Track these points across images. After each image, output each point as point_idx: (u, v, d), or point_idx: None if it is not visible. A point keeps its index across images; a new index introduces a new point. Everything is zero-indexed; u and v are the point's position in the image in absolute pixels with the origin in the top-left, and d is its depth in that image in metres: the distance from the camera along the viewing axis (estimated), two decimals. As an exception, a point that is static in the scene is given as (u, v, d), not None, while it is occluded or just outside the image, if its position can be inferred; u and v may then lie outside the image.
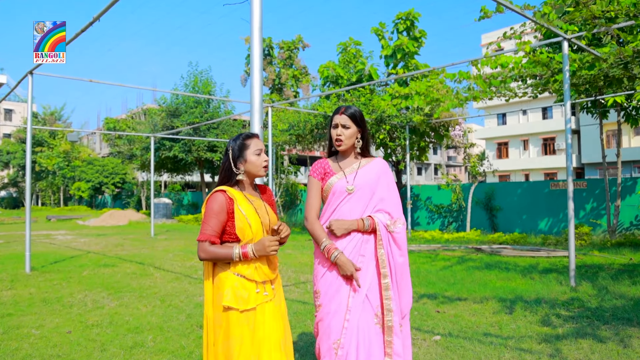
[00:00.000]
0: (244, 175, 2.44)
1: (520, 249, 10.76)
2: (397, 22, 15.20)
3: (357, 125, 2.61)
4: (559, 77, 8.08)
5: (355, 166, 2.63)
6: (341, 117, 2.60)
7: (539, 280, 7.10)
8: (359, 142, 2.64)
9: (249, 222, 2.34)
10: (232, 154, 2.43)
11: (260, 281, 2.37)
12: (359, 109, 2.67)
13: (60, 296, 6.24)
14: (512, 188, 16.06)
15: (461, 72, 8.83)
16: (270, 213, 2.51)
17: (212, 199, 2.36)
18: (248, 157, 2.41)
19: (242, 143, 2.43)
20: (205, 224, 2.34)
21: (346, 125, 2.58)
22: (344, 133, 2.58)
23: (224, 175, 2.46)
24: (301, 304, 5.70)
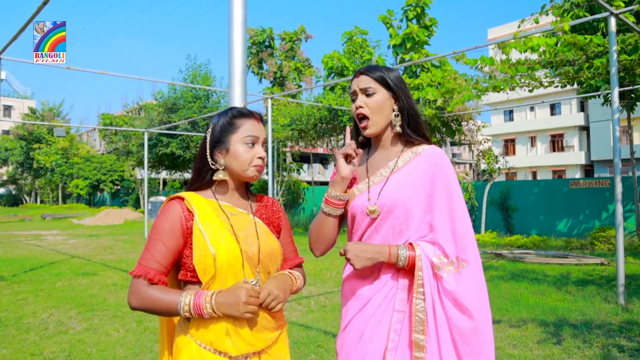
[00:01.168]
0: (225, 173, 1.50)
1: (545, 254, 9.79)
2: (406, 9, 14.19)
3: (388, 88, 1.62)
4: (596, 62, 7.10)
5: (391, 165, 1.64)
6: (360, 78, 1.64)
7: (578, 295, 6.14)
8: (398, 116, 1.63)
9: (212, 250, 1.39)
10: (211, 138, 1.50)
11: (237, 355, 1.41)
12: (393, 69, 1.67)
13: (20, 316, 5.32)
14: (528, 187, 15.08)
15: (484, 58, 7.86)
16: (265, 237, 1.53)
17: (161, 212, 1.45)
18: (232, 145, 1.48)
19: (229, 122, 1.51)
20: (146, 250, 1.41)
21: (368, 89, 1.61)
22: (366, 103, 1.61)
23: (195, 171, 1.55)
24: (303, 329, 4.75)
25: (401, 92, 1.63)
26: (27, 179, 47.99)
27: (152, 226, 1.44)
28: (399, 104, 1.63)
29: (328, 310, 5.49)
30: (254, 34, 21.50)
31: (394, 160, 1.63)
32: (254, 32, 21.57)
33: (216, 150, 1.50)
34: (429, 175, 1.57)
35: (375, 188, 1.61)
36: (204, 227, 1.41)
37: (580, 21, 6.11)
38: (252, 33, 21.42)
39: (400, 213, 1.55)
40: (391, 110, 1.63)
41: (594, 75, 8.36)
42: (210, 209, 1.46)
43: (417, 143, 1.65)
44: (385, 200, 1.56)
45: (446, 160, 1.60)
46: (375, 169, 1.66)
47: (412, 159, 1.61)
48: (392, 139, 1.67)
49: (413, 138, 1.64)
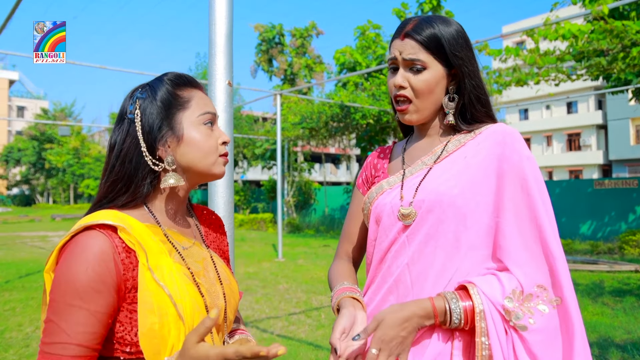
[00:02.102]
0: (179, 177, 0.95)
1: (573, 260, 9.15)
2: (421, 2, 13.60)
3: (443, 59, 1.10)
4: (633, 50, 6.48)
5: (438, 151, 1.15)
6: (405, 42, 1.11)
7: (618, 308, 5.54)
8: (453, 101, 1.14)
9: (178, 311, 0.87)
10: (146, 122, 0.95)
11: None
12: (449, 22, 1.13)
13: (3, 329, 4.86)
14: (550, 187, 14.41)
15: (509, 48, 7.28)
16: (227, 281, 1.02)
17: (73, 254, 0.85)
18: (186, 129, 0.96)
19: (172, 94, 0.97)
20: (53, 327, 0.82)
21: (416, 62, 1.09)
22: (411, 82, 1.11)
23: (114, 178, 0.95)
24: (312, 348, 4.22)
25: (463, 64, 1.11)
26: (39, 179, 48.25)
27: (60, 281, 0.84)
28: (456, 82, 1.13)
29: (340, 325, 4.96)
30: (263, 31, 21.05)
31: (443, 144, 1.16)
32: (264, 28, 21.12)
33: (158, 141, 0.95)
34: (494, 161, 1.07)
35: (413, 180, 1.13)
36: (159, 277, 0.87)
37: (618, 4, 5.52)
38: (261, 29, 20.97)
39: (448, 215, 1.05)
40: (444, 90, 1.14)
41: (627, 66, 7.74)
42: (155, 241, 0.91)
43: (473, 127, 1.16)
44: (426, 195, 1.08)
45: (520, 141, 1.09)
46: (415, 157, 1.19)
47: (469, 140, 1.13)
48: (442, 127, 1.19)
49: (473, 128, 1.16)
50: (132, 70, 8.29)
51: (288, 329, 4.87)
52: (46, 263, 0.89)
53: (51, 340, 0.82)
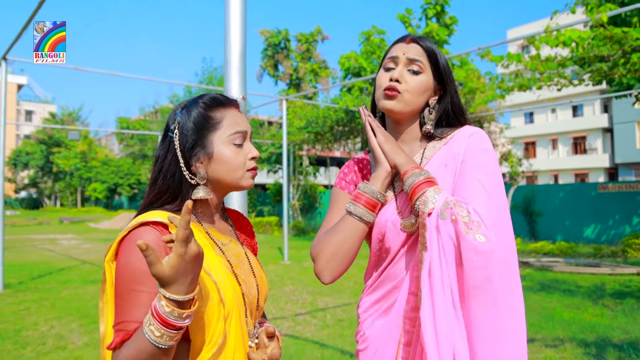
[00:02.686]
0: (207, 190, 1.09)
1: (575, 263, 9.25)
2: (426, 8, 13.77)
3: (437, 74, 1.26)
4: (633, 56, 6.59)
5: (417, 159, 1.28)
6: (410, 46, 1.26)
7: (618, 310, 5.64)
8: (431, 113, 1.28)
9: (221, 295, 1.00)
10: (182, 140, 1.07)
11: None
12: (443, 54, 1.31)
13: (19, 328, 5.03)
14: (554, 191, 14.50)
15: (510, 55, 7.41)
16: (260, 274, 1.17)
17: (131, 247, 0.98)
18: (216, 148, 1.08)
19: (204, 116, 1.09)
20: (118, 311, 0.96)
21: (417, 62, 1.24)
22: (406, 79, 1.23)
23: (159, 189, 1.08)
24: (318, 347, 4.36)
25: (449, 82, 1.28)
26: (47, 183, 48.63)
27: (122, 271, 0.97)
28: (438, 97, 1.30)
29: (345, 325, 5.09)
30: (269, 36, 21.25)
31: (420, 151, 1.28)
32: (270, 33, 21.32)
33: (193, 158, 1.08)
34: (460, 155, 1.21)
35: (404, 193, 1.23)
36: (205, 266, 1.00)
37: (618, 12, 5.64)
38: (267, 35, 21.17)
39: None
40: (426, 101, 1.28)
41: (628, 72, 7.85)
42: (199, 237, 1.05)
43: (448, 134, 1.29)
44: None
45: (486, 139, 1.24)
46: None
47: (443, 146, 1.26)
48: (416, 134, 1.31)
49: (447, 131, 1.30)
50: (141, 77, 8.48)
51: (294, 328, 5.01)
52: (106, 254, 1.02)
53: (120, 319, 0.95)
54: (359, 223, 1.20)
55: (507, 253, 1.08)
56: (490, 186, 1.13)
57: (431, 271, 1.07)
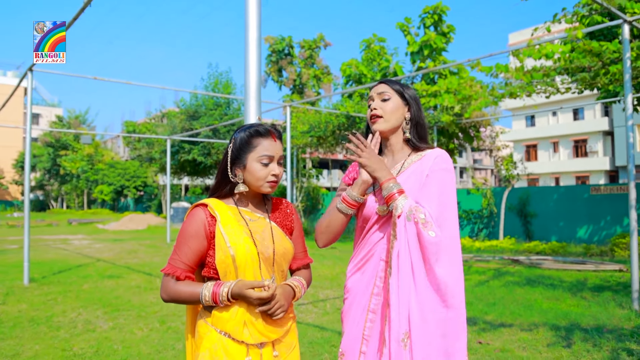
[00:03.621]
0: (244, 186, 1.68)
1: (563, 260, 9.76)
2: (423, 17, 14.31)
3: (403, 98, 1.84)
4: (612, 68, 7.12)
5: (398, 167, 1.82)
6: (379, 86, 1.86)
7: (593, 301, 6.17)
8: (408, 124, 1.83)
9: (231, 251, 1.58)
10: (232, 153, 1.67)
11: (253, 344, 1.60)
12: (410, 87, 1.89)
13: (50, 315, 5.60)
14: (548, 193, 14.99)
15: (499, 65, 7.96)
16: (279, 240, 1.72)
17: (187, 217, 1.64)
18: (249, 163, 1.65)
19: (246, 140, 1.66)
20: (174, 251, 1.62)
21: (386, 94, 1.82)
22: (381, 106, 1.81)
23: (217, 181, 1.73)
24: (318, 330, 4.92)
25: (414, 105, 1.84)
26: (53, 185, 49.22)
27: (180, 230, 1.64)
28: (410, 113, 1.83)
29: (343, 313, 5.64)
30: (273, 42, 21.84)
31: (402, 162, 1.82)
32: (274, 40, 21.92)
33: (235, 165, 1.67)
34: (426, 170, 1.74)
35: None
36: (225, 231, 1.60)
37: (594, 28, 6.17)
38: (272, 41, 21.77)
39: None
40: (403, 117, 1.83)
41: (611, 81, 8.38)
42: (231, 214, 1.65)
43: (423, 149, 1.83)
44: None
45: (448, 160, 1.76)
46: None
47: (418, 160, 1.79)
48: (401, 144, 1.85)
49: (419, 145, 1.83)
50: (152, 85, 9.04)
51: (298, 316, 5.56)
52: None
53: (172, 257, 1.62)
54: (343, 215, 1.81)
55: (450, 241, 1.65)
56: (442, 195, 1.69)
57: (399, 254, 1.64)
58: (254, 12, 2.28)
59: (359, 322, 1.75)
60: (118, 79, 8.48)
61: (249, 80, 2.27)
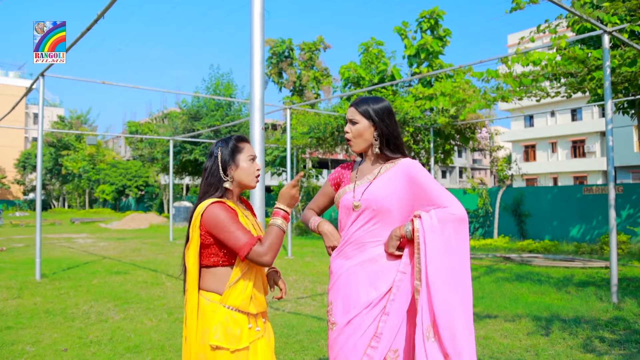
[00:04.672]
0: (231, 183, 2.05)
1: (553, 258, 10.12)
2: (420, 21, 14.68)
3: (369, 119, 2.09)
4: (596, 74, 7.48)
5: (375, 173, 2.11)
6: (349, 110, 2.14)
7: (576, 295, 6.53)
8: (377, 141, 2.09)
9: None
10: (222, 157, 2.03)
11: (254, 313, 2.00)
12: (380, 100, 2.13)
13: (64, 307, 5.96)
14: (542, 193, 15.35)
15: (489, 71, 8.31)
16: (258, 230, 2.15)
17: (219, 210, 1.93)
18: (241, 162, 2.04)
19: (235, 145, 2.05)
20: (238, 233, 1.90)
21: (353, 119, 2.10)
22: (350, 130, 2.11)
23: (208, 183, 2.04)
24: (316, 320, 5.28)
25: (381, 122, 2.08)
26: (55, 185, 49.59)
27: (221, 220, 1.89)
28: (378, 131, 2.10)
29: (339, 306, 6.00)
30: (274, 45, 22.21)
31: (379, 168, 2.10)
32: (274, 42, 22.28)
33: (228, 167, 2.04)
34: (404, 181, 2.02)
35: (361, 188, 2.09)
36: (244, 222, 1.99)
37: (576, 38, 6.53)
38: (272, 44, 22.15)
39: (379, 207, 2.02)
40: (372, 135, 2.10)
41: (598, 86, 8.74)
42: (239, 211, 2.03)
43: (397, 157, 2.11)
44: (368, 196, 2.04)
45: (418, 166, 2.05)
46: (363, 175, 2.15)
47: (392, 167, 2.08)
48: (377, 155, 2.13)
49: (391, 155, 2.11)
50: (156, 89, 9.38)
51: (297, 308, 5.92)
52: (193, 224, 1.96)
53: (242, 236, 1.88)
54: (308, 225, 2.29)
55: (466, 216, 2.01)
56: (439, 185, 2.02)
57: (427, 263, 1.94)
58: (258, 36, 2.64)
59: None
60: (125, 83, 8.85)
61: (254, 95, 2.63)
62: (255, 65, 2.58)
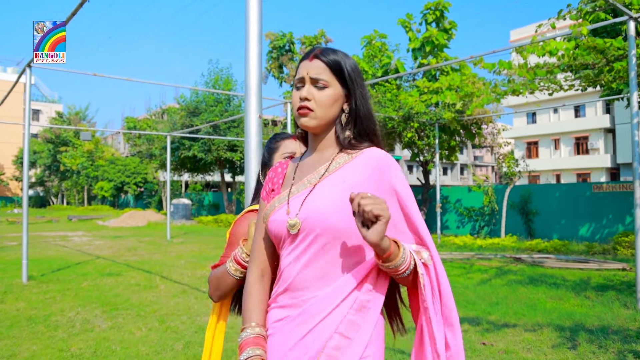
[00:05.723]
0: None
1: (565, 259, 9.70)
2: (425, 13, 14.20)
3: (343, 83, 1.31)
4: (616, 65, 7.04)
5: (321, 170, 1.31)
6: (312, 63, 1.31)
7: (597, 300, 6.10)
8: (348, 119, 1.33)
9: None
10: (262, 159, 1.88)
11: None
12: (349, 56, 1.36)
13: (48, 314, 5.54)
14: (549, 191, 14.92)
15: (501, 62, 7.85)
16: None
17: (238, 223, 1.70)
18: (273, 162, 1.83)
19: (271, 144, 1.84)
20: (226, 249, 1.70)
21: (320, 81, 1.29)
22: (314, 96, 1.29)
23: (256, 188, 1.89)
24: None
25: (357, 90, 1.32)
26: (54, 181, 49.24)
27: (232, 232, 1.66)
28: (350, 104, 1.32)
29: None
30: (274, 39, 21.73)
31: (326, 165, 1.31)
32: (275, 36, 21.80)
33: (267, 168, 1.79)
34: (374, 183, 1.25)
35: (298, 198, 1.29)
36: None
37: (599, 25, 6.09)
38: (272, 37, 21.66)
39: (326, 230, 1.22)
40: (340, 109, 1.32)
41: (614, 79, 8.29)
42: None
43: (361, 146, 1.32)
44: (307, 212, 1.24)
45: (395, 166, 1.29)
46: (304, 175, 1.34)
47: (347, 162, 1.29)
48: (332, 140, 1.34)
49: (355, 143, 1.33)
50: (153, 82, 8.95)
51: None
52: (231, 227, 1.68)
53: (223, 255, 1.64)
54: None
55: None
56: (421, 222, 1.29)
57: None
58: (255, 9, 2.21)
59: None
60: (117, 75, 8.41)
61: (249, 78, 2.20)
62: (252, 40, 2.14)
